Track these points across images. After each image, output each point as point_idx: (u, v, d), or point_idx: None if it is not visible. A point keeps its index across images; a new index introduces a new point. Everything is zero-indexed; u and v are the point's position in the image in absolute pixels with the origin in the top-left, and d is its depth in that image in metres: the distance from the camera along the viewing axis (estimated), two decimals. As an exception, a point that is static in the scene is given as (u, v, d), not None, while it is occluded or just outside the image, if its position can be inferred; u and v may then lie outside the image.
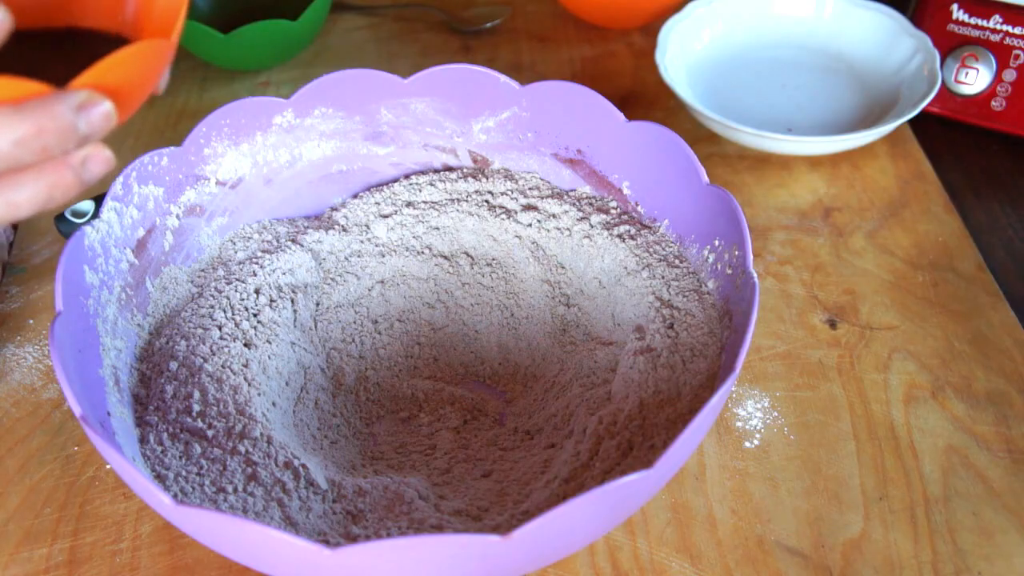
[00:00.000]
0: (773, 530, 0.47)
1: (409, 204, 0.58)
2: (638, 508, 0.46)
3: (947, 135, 0.74)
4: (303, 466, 0.45)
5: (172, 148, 0.52)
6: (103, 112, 0.31)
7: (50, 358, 0.51)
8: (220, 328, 0.50)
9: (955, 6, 0.71)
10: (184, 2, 0.35)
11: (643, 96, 0.76)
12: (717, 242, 0.50)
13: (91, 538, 0.47)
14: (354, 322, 0.56)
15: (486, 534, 0.34)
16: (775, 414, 0.53)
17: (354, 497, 0.44)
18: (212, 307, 0.51)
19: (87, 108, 0.31)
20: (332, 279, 0.56)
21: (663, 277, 0.52)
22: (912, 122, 0.72)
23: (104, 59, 0.31)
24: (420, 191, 0.59)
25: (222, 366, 0.48)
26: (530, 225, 0.56)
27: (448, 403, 0.53)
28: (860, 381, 0.54)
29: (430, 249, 0.57)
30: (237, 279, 0.53)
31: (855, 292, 0.60)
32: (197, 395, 0.47)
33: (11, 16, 0.30)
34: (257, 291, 0.52)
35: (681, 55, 0.74)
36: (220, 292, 0.52)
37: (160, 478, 0.44)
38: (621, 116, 0.54)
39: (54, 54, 0.37)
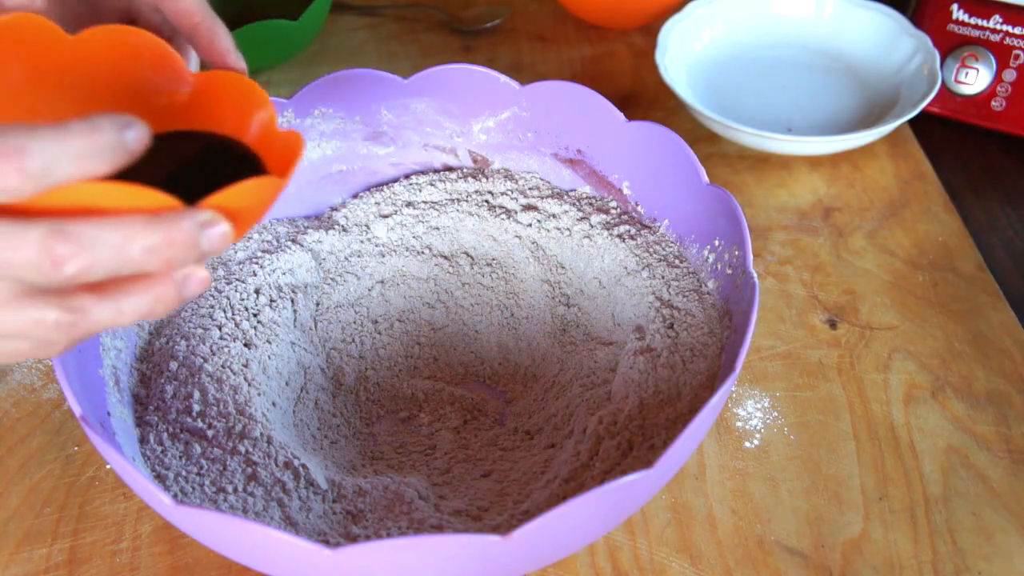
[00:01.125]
0: (773, 530, 0.47)
1: (409, 204, 0.58)
2: (638, 508, 0.46)
3: (947, 135, 0.74)
4: (303, 466, 0.45)
5: (172, 148, 0.52)
6: (222, 232, 0.33)
7: (50, 358, 0.51)
8: (220, 328, 0.50)
9: (955, 6, 0.71)
10: (303, 147, 0.37)
11: (643, 96, 0.76)
12: (717, 242, 0.50)
13: (91, 538, 0.47)
14: (354, 322, 0.56)
15: (486, 534, 0.34)
16: (775, 414, 0.53)
17: (354, 497, 0.44)
18: (212, 307, 0.51)
19: (209, 227, 0.32)
20: (332, 279, 0.56)
21: (663, 277, 0.52)
22: (912, 122, 0.72)
23: (231, 187, 0.32)
24: (420, 191, 0.59)
25: (222, 366, 0.48)
26: (530, 225, 0.56)
27: (448, 403, 0.53)
28: (860, 381, 0.54)
29: (430, 249, 0.57)
30: (237, 279, 0.53)
31: (855, 292, 0.60)
32: (197, 395, 0.47)
33: (148, 130, 0.31)
34: (257, 291, 0.52)
35: (681, 55, 0.74)
36: (220, 292, 0.52)
37: (160, 478, 0.44)
38: (621, 116, 0.54)
39: (181, 160, 0.39)
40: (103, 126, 0.29)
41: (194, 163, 0.39)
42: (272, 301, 0.52)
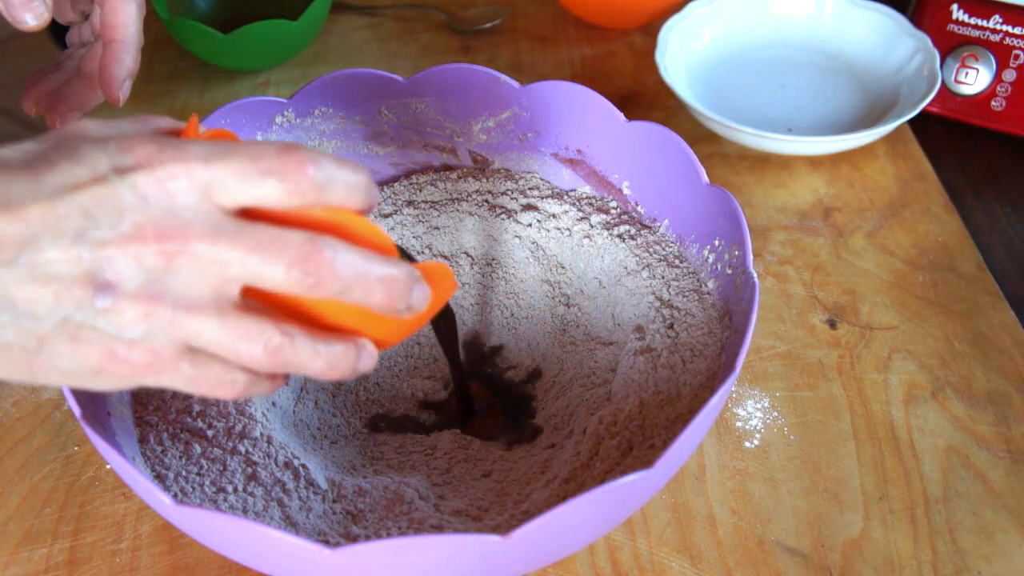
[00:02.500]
0: (773, 530, 0.47)
1: (409, 204, 0.58)
2: (638, 508, 0.46)
3: (947, 135, 0.74)
4: (303, 466, 0.45)
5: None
6: (426, 295, 0.35)
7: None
8: (220, 328, 0.50)
9: (955, 6, 0.71)
10: (453, 290, 0.39)
11: (643, 96, 0.76)
12: (717, 242, 0.50)
13: (91, 538, 0.47)
14: (354, 322, 0.56)
15: (486, 534, 0.34)
16: (775, 414, 0.53)
17: (354, 497, 0.44)
18: (212, 307, 0.51)
19: (419, 283, 0.35)
20: (332, 279, 0.56)
21: (663, 277, 0.52)
22: (912, 122, 0.72)
23: (428, 263, 0.37)
24: (420, 191, 0.59)
25: (222, 366, 0.48)
26: (530, 225, 0.56)
27: (448, 403, 0.53)
28: (860, 381, 0.54)
29: (430, 249, 0.57)
30: (237, 279, 0.53)
31: (855, 292, 0.60)
32: (197, 395, 0.47)
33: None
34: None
35: (681, 55, 0.74)
36: (220, 292, 0.52)
37: (160, 478, 0.44)
38: (621, 116, 0.54)
39: None
40: (366, 172, 0.34)
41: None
42: (272, 301, 0.52)
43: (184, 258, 0.31)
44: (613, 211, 0.56)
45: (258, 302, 0.33)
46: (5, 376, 0.31)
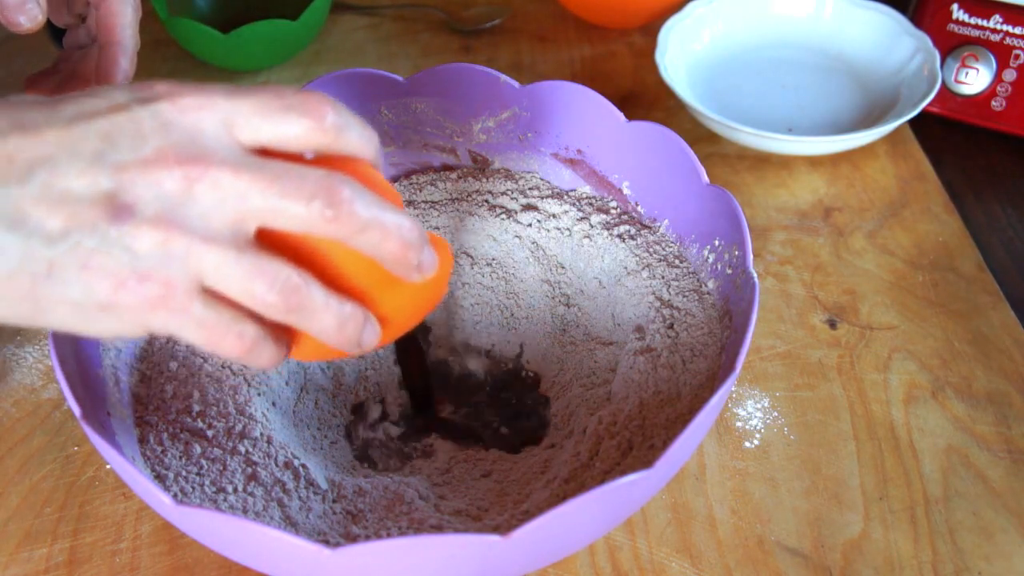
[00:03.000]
0: (773, 530, 0.47)
1: (409, 203, 0.58)
2: (638, 508, 0.46)
3: (947, 135, 0.74)
4: (303, 466, 0.45)
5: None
6: (433, 260, 0.35)
7: (50, 358, 0.51)
8: (220, 328, 0.50)
9: (955, 6, 0.71)
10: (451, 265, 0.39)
11: (643, 96, 0.76)
12: (717, 242, 0.50)
13: (91, 538, 0.47)
14: (354, 322, 0.56)
15: (486, 534, 0.34)
16: (775, 414, 0.53)
17: (354, 497, 0.44)
18: (212, 307, 0.51)
19: (427, 246, 0.35)
20: (332, 279, 0.56)
21: (663, 277, 0.52)
22: (912, 122, 0.72)
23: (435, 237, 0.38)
24: (420, 190, 0.59)
25: (222, 366, 0.48)
26: (530, 225, 0.56)
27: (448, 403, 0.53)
28: (860, 381, 0.54)
29: (430, 249, 0.57)
30: (237, 279, 0.53)
31: (855, 292, 0.60)
32: (197, 395, 0.47)
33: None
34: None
35: (681, 55, 0.74)
36: (220, 292, 0.52)
37: (160, 478, 0.44)
38: (621, 116, 0.54)
39: None
40: (374, 132, 0.35)
41: None
42: (272, 301, 0.52)
43: (205, 185, 0.30)
44: (613, 211, 0.56)
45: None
46: (5, 315, 0.29)
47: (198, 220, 0.30)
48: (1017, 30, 0.69)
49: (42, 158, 0.29)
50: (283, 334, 0.34)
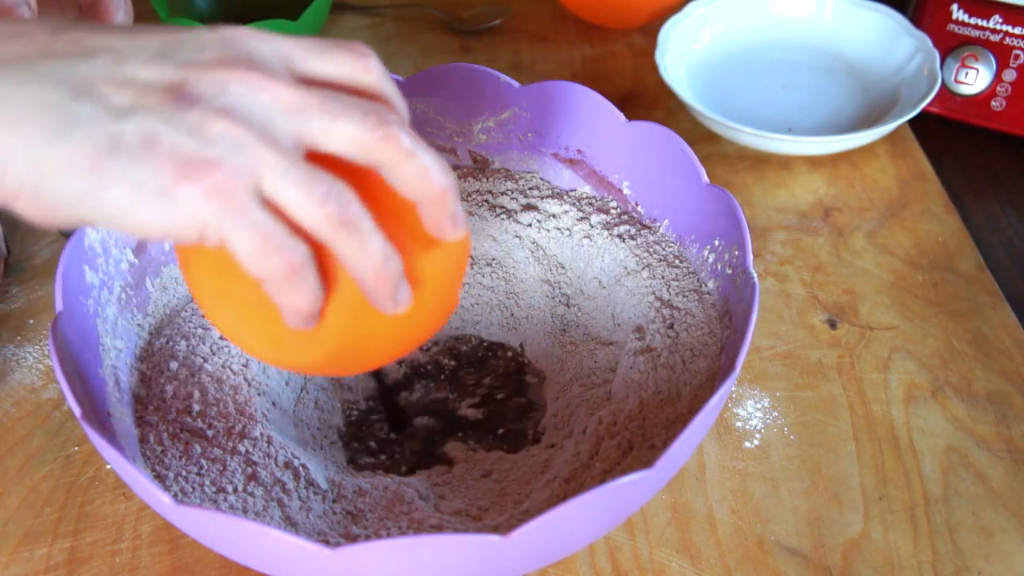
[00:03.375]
0: (773, 530, 0.47)
1: (409, 204, 0.58)
2: (638, 508, 0.46)
3: (947, 135, 0.74)
4: (303, 466, 0.45)
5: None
6: (464, 220, 0.36)
7: (50, 358, 0.51)
8: (220, 328, 0.50)
9: (955, 6, 0.71)
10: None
11: (643, 96, 0.76)
12: (717, 242, 0.50)
13: (91, 538, 0.47)
14: (354, 322, 0.56)
15: (486, 534, 0.34)
16: (775, 414, 0.53)
17: (354, 497, 0.44)
18: (212, 307, 0.51)
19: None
20: (332, 279, 0.56)
21: (663, 277, 0.52)
22: (912, 122, 0.72)
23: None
24: (420, 191, 0.59)
25: (222, 366, 0.48)
26: (530, 225, 0.56)
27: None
28: (860, 381, 0.54)
29: (430, 249, 0.57)
30: (237, 279, 0.53)
31: (855, 292, 0.60)
32: (197, 395, 0.47)
33: None
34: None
35: (681, 55, 0.74)
36: (220, 292, 0.52)
37: (160, 478, 0.44)
38: (621, 116, 0.54)
39: None
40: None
41: None
42: (272, 301, 0.52)
43: (266, 95, 0.30)
44: (613, 211, 0.56)
45: None
46: (64, 192, 0.29)
47: (260, 122, 0.30)
48: (1017, 30, 0.69)
49: (108, 47, 0.29)
50: (323, 279, 0.34)
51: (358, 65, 0.33)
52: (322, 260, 0.33)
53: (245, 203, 0.30)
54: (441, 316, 0.40)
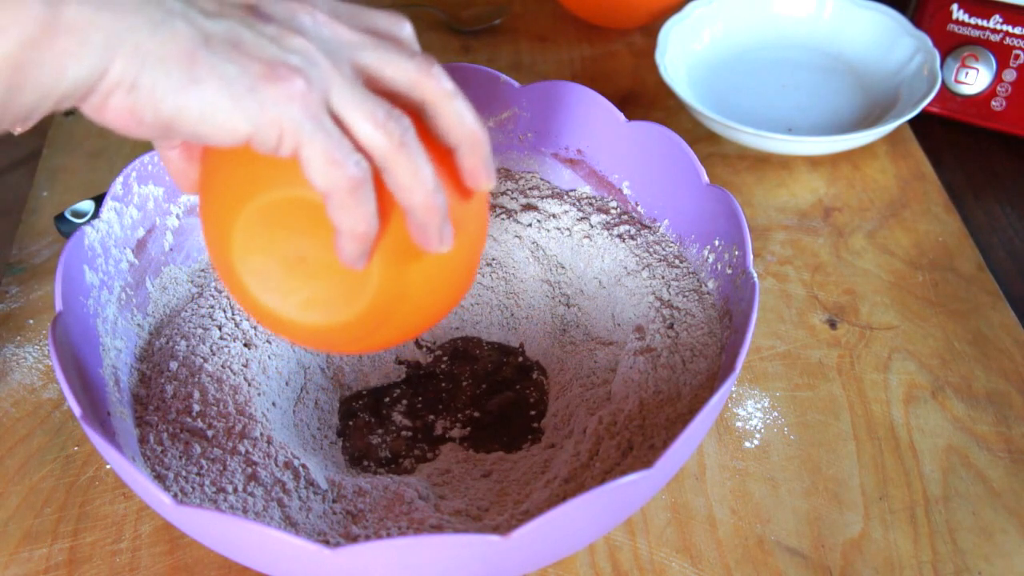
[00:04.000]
0: (773, 530, 0.47)
1: (409, 204, 0.58)
2: (638, 508, 0.46)
3: (947, 135, 0.74)
4: (303, 466, 0.45)
5: (172, 148, 0.52)
6: (493, 170, 0.37)
7: (50, 358, 0.51)
8: (220, 328, 0.50)
9: (955, 6, 0.71)
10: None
11: (643, 96, 0.76)
12: (717, 242, 0.50)
13: (91, 538, 0.47)
14: (354, 322, 0.56)
15: (486, 534, 0.34)
16: (775, 414, 0.53)
17: (354, 497, 0.44)
18: (212, 307, 0.51)
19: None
20: (332, 279, 0.56)
21: (663, 277, 0.52)
22: (912, 122, 0.72)
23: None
24: (420, 191, 0.59)
25: (222, 366, 0.48)
26: (530, 225, 0.56)
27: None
28: (860, 381, 0.54)
29: (430, 249, 0.57)
30: (237, 279, 0.53)
31: (855, 292, 0.60)
32: (197, 395, 0.47)
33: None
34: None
35: (681, 55, 0.74)
36: (220, 292, 0.52)
37: (160, 478, 0.44)
38: (621, 116, 0.54)
39: None
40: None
41: None
42: (272, 301, 0.52)
43: (328, 29, 0.34)
44: (613, 211, 0.56)
45: None
46: (159, 74, 0.30)
47: (326, 47, 0.33)
48: (1017, 30, 0.69)
49: None
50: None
51: (394, 22, 0.36)
52: None
53: (319, 110, 0.32)
54: (466, 280, 0.40)
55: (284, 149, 0.32)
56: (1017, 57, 0.70)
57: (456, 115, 0.35)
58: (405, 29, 0.37)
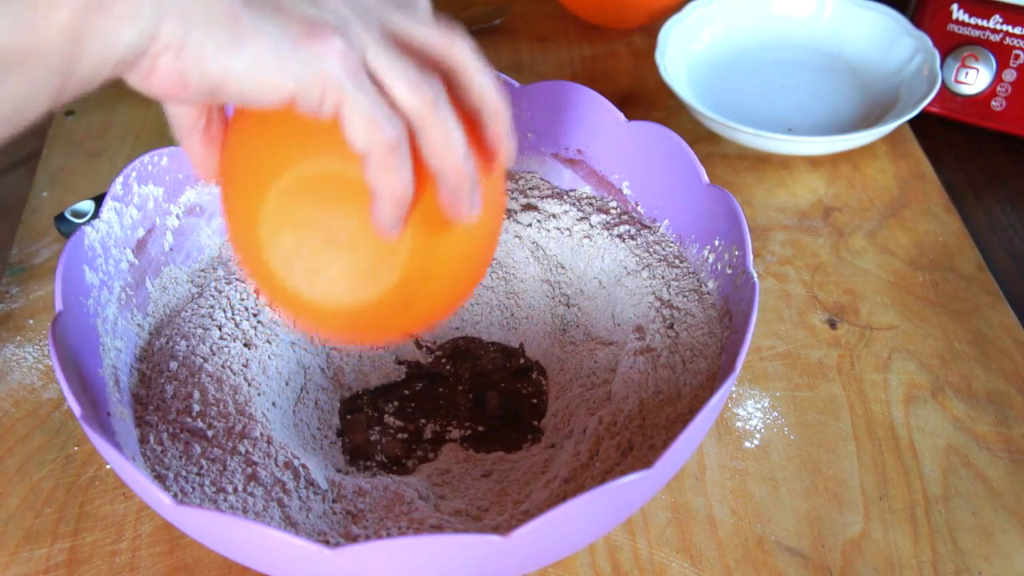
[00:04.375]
0: (773, 530, 0.47)
1: (409, 204, 0.58)
2: (638, 508, 0.46)
3: (947, 135, 0.74)
4: (303, 466, 0.45)
5: (172, 148, 0.52)
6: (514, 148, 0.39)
7: (50, 358, 0.51)
8: (220, 328, 0.50)
9: (955, 6, 0.71)
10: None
11: (643, 96, 0.76)
12: (717, 242, 0.50)
13: (91, 538, 0.47)
14: (354, 322, 0.56)
15: (486, 534, 0.34)
16: (775, 414, 0.53)
17: (354, 497, 0.44)
18: (212, 307, 0.51)
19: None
20: (332, 279, 0.56)
21: (663, 277, 0.52)
22: (912, 122, 0.72)
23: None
24: (420, 191, 0.59)
25: (222, 366, 0.48)
26: (530, 225, 0.56)
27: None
28: (860, 381, 0.54)
29: (430, 249, 0.57)
30: (237, 279, 0.53)
31: (855, 292, 0.60)
32: (197, 395, 0.47)
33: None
34: (257, 291, 0.52)
35: (681, 55, 0.74)
36: (220, 292, 0.52)
37: (160, 478, 0.44)
38: (621, 116, 0.54)
39: None
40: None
41: None
42: (272, 301, 0.52)
43: (357, 2, 0.34)
44: (613, 211, 0.56)
45: None
46: (205, 35, 0.30)
47: (356, 9, 0.33)
48: (1017, 30, 0.69)
49: None
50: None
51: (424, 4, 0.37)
52: None
53: (359, 71, 0.32)
54: (485, 260, 0.41)
55: (326, 107, 0.32)
56: (1017, 57, 0.70)
57: (482, 81, 0.36)
58: (422, 2, 0.37)
